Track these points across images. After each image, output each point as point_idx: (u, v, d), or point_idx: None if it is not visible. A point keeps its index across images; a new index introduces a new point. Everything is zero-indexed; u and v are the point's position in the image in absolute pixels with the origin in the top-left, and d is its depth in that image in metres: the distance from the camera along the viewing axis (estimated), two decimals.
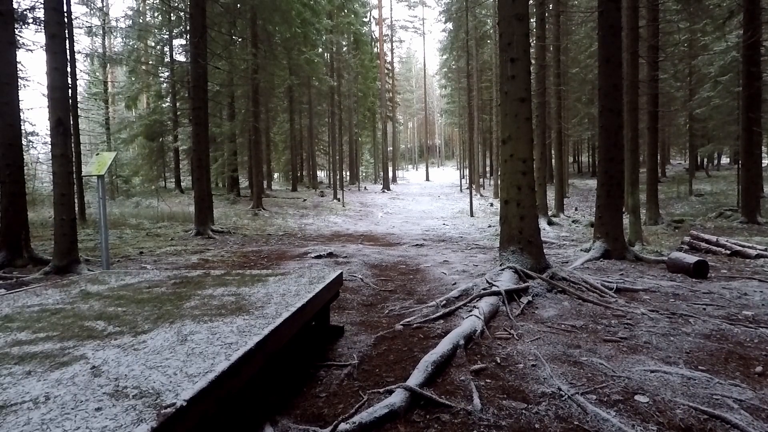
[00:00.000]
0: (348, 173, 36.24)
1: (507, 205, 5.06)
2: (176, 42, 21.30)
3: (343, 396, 2.35)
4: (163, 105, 22.80)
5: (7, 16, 6.83)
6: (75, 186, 8.70)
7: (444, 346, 2.81)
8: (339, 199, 21.81)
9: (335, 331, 3.40)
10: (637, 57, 9.20)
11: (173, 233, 11.03)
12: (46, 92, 6.42)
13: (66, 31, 8.62)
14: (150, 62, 21.71)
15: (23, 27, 10.81)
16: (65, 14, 10.41)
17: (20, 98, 7.29)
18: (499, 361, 2.79)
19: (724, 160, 32.25)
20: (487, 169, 35.73)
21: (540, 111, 13.80)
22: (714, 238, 7.60)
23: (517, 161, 4.94)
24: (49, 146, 6.44)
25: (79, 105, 14.38)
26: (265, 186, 21.90)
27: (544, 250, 5.38)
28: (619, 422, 2.01)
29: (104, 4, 20.47)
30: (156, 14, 19.94)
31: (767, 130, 13.34)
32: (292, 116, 26.16)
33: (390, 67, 42.53)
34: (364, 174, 40.19)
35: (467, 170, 31.96)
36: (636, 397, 2.28)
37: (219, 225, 12.26)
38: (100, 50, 22.05)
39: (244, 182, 23.83)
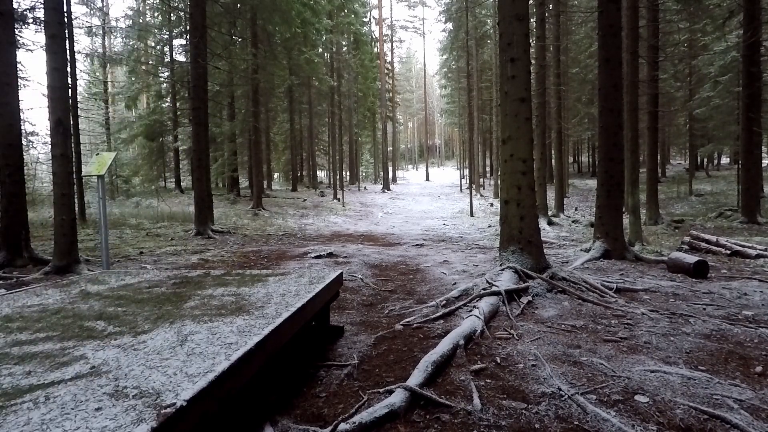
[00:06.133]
0: (348, 173, 36.23)
1: (507, 205, 5.06)
2: (176, 42, 21.29)
3: (343, 396, 2.35)
4: (163, 105, 22.79)
5: (7, 16, 6.83)
6: (75, 186, 8.70)
7: (444, 346, 2.81)
8: (339, 199, 21.81)
9: (335, 331, 3.40)
10: (637, 57, 9.20)
11: (173, 233, 11.03)
12: (46, 92, 6.42)
13: (66, 31, 8.61)
14: (150, 62, 21.70)
15: (23, 27, 10.80)
16: (65, 14, 10.41)
17: (20, 98, 7.29)
18: (499, 361, 2.79)
19: (724, 160, 32.24)
20: (487, 169, 35.73)
21: (540, 111, 13.80)
22: (714, 238, 7.60)
23: (517, 161, 4.94)
24: (49, 146, 6.44)
25: (79, 105, 14.38)
26: (265, 186, 21.90)
27: (544, 250, 5.38)
28: (619, 422, 2.01)
29: (104, 4, 20.48)
30: (156, 14, 19.94)
31: (767, 130, 13.34)
32: (292, 116, 26.16)
33: (390, 67, 42.53)
34: (364, 174, 40.18)
35: (467, 170, 31.97)
36: (636, 397, 2.28)
37: (219, 225, 12.26)
38: (100, 50, 22.08)
39: (244, 182, 23.83)
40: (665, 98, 19.15)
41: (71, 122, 9.05)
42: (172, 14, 18.98)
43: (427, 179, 41.75)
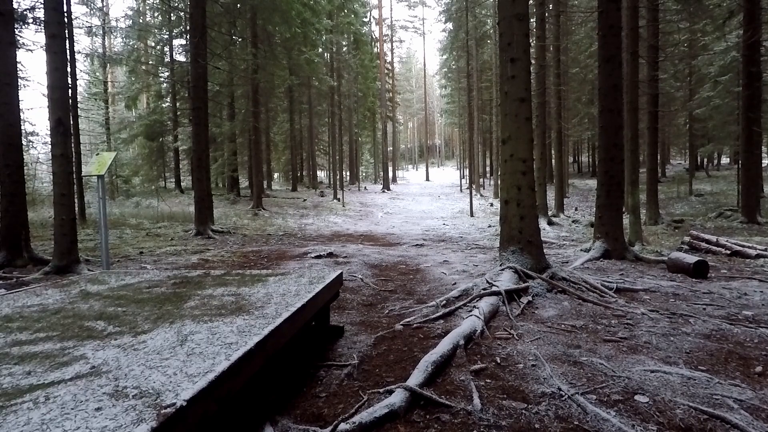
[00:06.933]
0: (348, 173, 36.24)
1: (507, 205, 5.06)
2: (176, 42, 21.29)
3: (343, 396, 2.35)
4: (163, 105, 22.81)
5: (7, 16, 6.83)
6: (75, 186, 8.69)
7: (444, 346, 2.81)
8: (339, 199, 21.81)
9: (335, 331, 3.40)
10: (637, 57, 9.20)
11: (173, 233, 11.03)
12: (46, 92, 6.42)
13: (66, 31, 8.61)
14: (150, 62, 21.71)
15: (23, 27, 10.80)
16: (65, 14, 10.41)
17: (20, 98, 7.29)
18: (499, 361, 2.79)
19: (724, 160, 32.23)
20: (487, 169, 35.74)
21: (540, 111, 13.80)
22: (714, 238, 7.60)
23: (517, 161, 4.94)
24: (49, 146, 6.44)
25: (79, 105, 14.38)
26: (265, 186, 21.90)
27: (544, 250, 5.38)
28: (619, 422, 2.01)
29: (104, 4, 20.48)
30: (156, 14, 19.95)
31: (767, 130, 13.34)
32: (292, 116, 26.16)
33: (390, 67, 42.52)
34: (364, 174, 40.19)
35: (467, 170, 31.97)
36: (636, 397, 2.28)
37: (219, 225, 12.26)
38: (100, 50, 22.06)
39: (244, 182, 23.83)
40: (665, 98, 19.14)
41: (71, 122, 9.05)
42: (172, 14, 18.99)
43: (427, 179, 41.75)
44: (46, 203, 14.77)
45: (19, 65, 8.49)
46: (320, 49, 24.45)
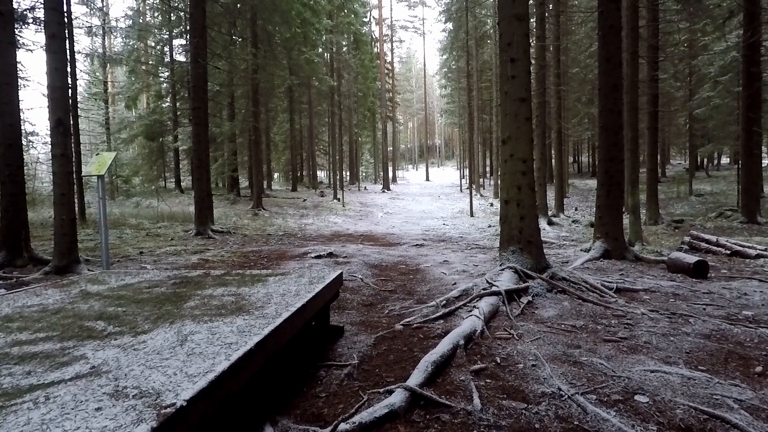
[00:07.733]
0: (348, 173, 36.24)
1: (507, 205, 5.06)
2: (176, 42, 21.30)
3: (343, 396, 2.35)
4: (163, 105, 22.80)
5: (7, 16, 6.83)
6: (75, 186, 8.70)
7: (444, 346, 2.81)
8: (339, 199, 21.80)
9: (335, 331, 3.40)
10: (637, 57, 9.20)
11: (173, 233, 11.03)
12: (46, 92, 6.42)
13: (66, 31, 8.61)
14: (150, 62, 21.71)
15: (23, 27, 10.79)
16: (65, 14, 10.40)
17: (20, 98, 7.29)
18: (499, 361, 2.79)
19: (724, 160, 32.24)
20: (487, 169, 35.74)
21: (540, 111, 13.80)
22: (714, 238, 7.60)
23: (517, 161, 4.94)
24: (49, 146, 6.43)
25: (79, 105, 14.38)
26: (265, 186, 21.89)
27: (544, 250, 5.38)
28: (619, 422, 2.01)
29: (104, 4, 20.48)
30: (156, 14, 19.94)
31: (767, 130, 13.34)
32: (292, 116, 26.16)
33: (390, 67, 42.53)
34: (364, 174, 40.19)
35: (467, 170, 31.98)
36: (636, 397, 2.28)
37: (219, 225, 12.26)
38: (100, 50, 22.06)
39: (244, 182, 23.83)
40: (665, 98, 19.14)
41: (71, 122, 9.04)
42: (172, 14, 18.99)
43: (427, 179, 41.75)
44: (46, 203, 14.76)
45: (19, 65, 8.48)
46: (320, 49, 24.46)
